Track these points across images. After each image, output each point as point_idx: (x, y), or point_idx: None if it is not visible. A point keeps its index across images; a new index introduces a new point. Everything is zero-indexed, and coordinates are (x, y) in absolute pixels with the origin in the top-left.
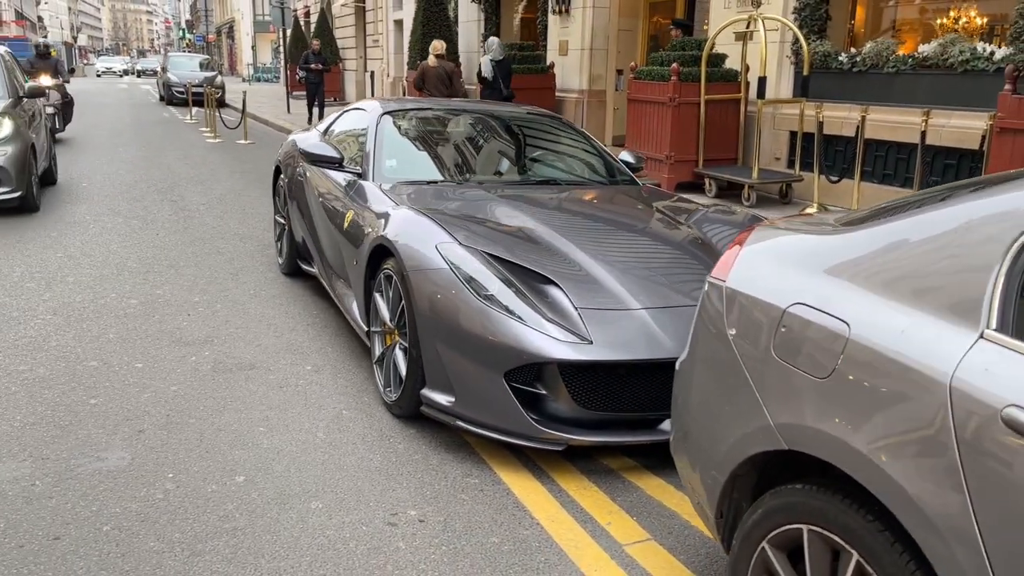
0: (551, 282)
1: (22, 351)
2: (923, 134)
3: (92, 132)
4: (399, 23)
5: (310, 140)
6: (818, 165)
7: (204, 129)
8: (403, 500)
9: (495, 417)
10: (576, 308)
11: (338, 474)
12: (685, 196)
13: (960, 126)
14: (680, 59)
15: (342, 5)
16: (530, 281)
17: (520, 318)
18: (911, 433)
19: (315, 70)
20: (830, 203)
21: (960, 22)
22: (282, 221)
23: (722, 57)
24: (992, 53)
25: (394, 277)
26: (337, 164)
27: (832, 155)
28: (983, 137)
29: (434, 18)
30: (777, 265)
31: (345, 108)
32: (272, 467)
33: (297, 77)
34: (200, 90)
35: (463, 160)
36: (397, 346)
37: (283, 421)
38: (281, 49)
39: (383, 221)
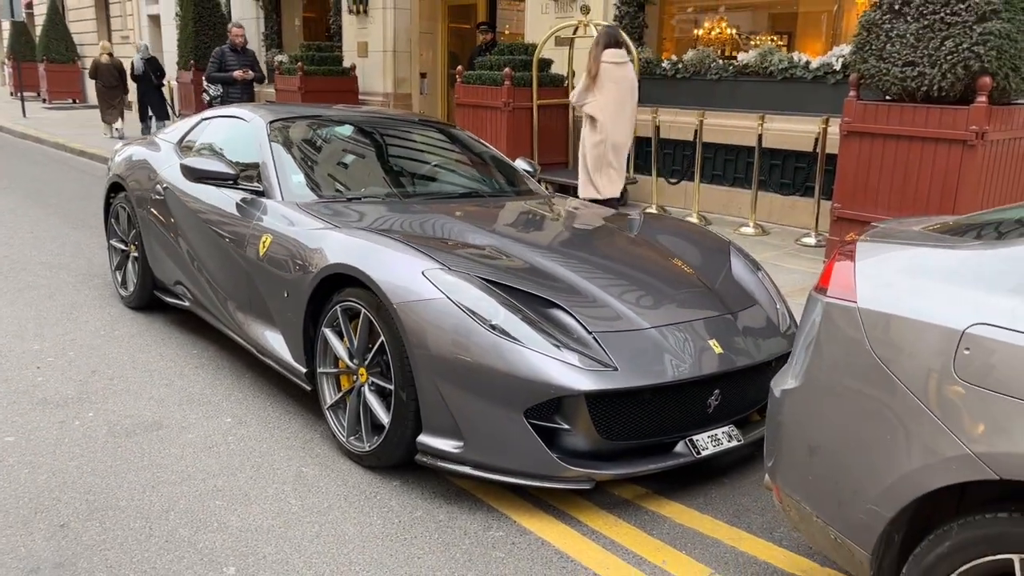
0: (555, 305)
1: None
2: (760, 137)
3: None
4: (155, 18)
5: (189, 156)
6: (656, 167)
7: None
8: (437, 568)
9: (514, 460)
10: (590, 332)
11: (345, 547)
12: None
13: (789, 129)
14: (510, 63)
15: None
16: (533, 305)
17: (537, 348)
18: None
19: (242, 80)
20: (667, 204)
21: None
22: (122, 247)
23: (548, 62)
24: (808, 63)
25: (364, 311)
26: (232, 181)
27: (662, 158)
28: (816, 140)
29: (206, 14)
30: (930, 282)
31: (204, 116)
32: (261, 550)
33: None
34: None
35: (373, 173)
36: (366, 388)
37: (240, 490)
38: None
39: (326, 246)
